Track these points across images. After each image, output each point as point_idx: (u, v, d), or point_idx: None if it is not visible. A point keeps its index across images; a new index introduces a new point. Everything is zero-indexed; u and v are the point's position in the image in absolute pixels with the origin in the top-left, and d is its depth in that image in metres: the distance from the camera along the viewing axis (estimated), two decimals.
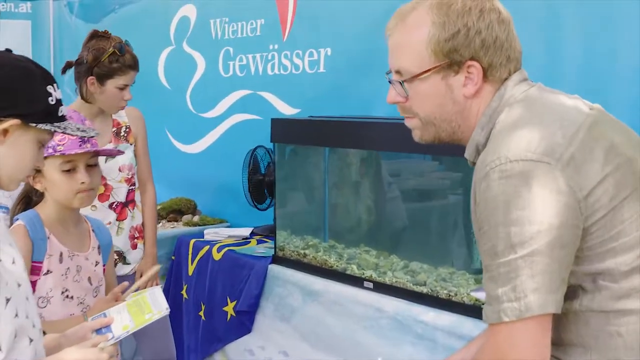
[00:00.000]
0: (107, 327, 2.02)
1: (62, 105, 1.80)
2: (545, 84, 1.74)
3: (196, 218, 4.65)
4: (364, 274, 3.18)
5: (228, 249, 3.88)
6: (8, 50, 1.83)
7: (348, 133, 3.24)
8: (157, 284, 3.57)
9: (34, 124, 1.72)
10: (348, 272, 3.26)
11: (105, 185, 3.37)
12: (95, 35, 3.36)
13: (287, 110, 4.21)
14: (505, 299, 1.48)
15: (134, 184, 3.50)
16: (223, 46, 4.60)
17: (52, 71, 4.49)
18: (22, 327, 1.71)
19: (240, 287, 3.67)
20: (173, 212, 4.73)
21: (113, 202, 3.41)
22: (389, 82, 1.75)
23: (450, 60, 1.64)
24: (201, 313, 3.96)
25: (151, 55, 5.12)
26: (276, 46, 4.22)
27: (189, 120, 4.95)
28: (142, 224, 3.57)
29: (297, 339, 3.40)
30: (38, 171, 2.40)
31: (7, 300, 1.66)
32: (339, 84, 3.88)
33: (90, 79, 3.29)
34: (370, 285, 3.12)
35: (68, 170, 2.40)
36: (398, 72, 1.71)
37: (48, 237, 2.41)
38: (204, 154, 4.91)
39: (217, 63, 4.66)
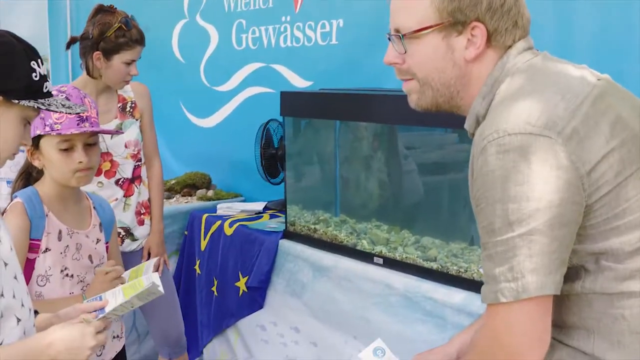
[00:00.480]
0: (102, 309, 1.97)
1: (47, 81, 1.75)
2: (557, 55, 1.65)
3: (210, 192, 4.61)
4: (374, 249, 3.13)
5: (240, 224, 3.85)
6: None
7: (358, 106, 3.18)
8: (165, 261, 3.56)
9: (17, 101, 1.67)
10: (358, 247, 3.21)
11: (112, 161, 3.34)
12: (100, 10, 3.30)
13: (299, 83, 4.14)
14: (502, 279, 1.41)
15: (140, 160, 3.46)
16: (236, 19, 4.52)
17: None
18: (8, 307, 1.68)
19: (252, 263, 3.63)
20: (187, 186, 4.69)
21: (119, 179, 3.37)
22: (389, 39, 1.68)
23: (454, 20, 1.56)
24: (214, 288, 3.93)
25: (165, 29, 5.07)
26: (288, 18, 4.14)
27: (203, 94, 4.89)
28: (149, 200, 3.53)
29: (307, 315, 3.37)
30: (36, 148, 2.37)
31: None
32: (351, 55, 3.80)
33: (96, 54, 3.24)
34: (380, 261, 3.07)
35: (66, 149, 2.35)
36: (397, 30, 1.63)
37: (46, 215, 2.37)
38: (219, 127, 4.85)
39: (230, 36, 4.59)
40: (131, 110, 3.44)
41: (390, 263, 3.02)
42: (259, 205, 4.19)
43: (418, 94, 1.68)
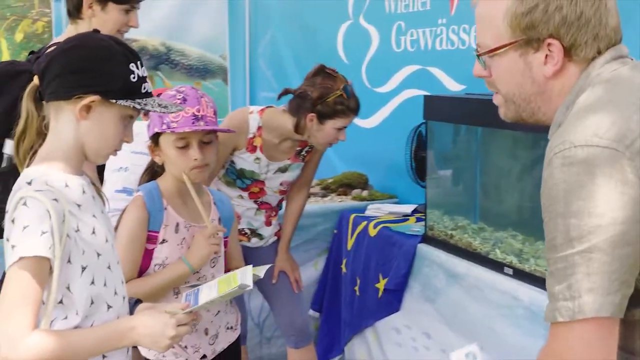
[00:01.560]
0: (195, 301, 2.05)
1: (146, 82, 1.84)
2: None
3: (365, 193, 4.64)
4: (505, 259, 3.05)
5: (383, 226, 3.86)
6: (95, 31, 1.90)
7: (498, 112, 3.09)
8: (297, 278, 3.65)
9: (114, 100, 1.77)
10: (491, 256, 3.13)
11: (261, 190, 3.46)
12: (321, 71, 3.31)
13: (453, 86, 4.09)
14: (560, 297, 1.35)
15: (285, 193, 3.58)
16: (395, 21, 4.54)
17: (247, 44, 4.49)
18: (99, 295, 1.79)
19: (391, 265, 3.64)
20: (343, 185, 4.75)
21: (261, 202, 3.51)
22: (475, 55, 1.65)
23: (528, 37, 1.50)
24: (356, 288, 3.97)
25: (331, 30, 5.16)
26: (444, 20, 4.11)
27: (365, 95, 4.87)
28: (277, 205, 3.63)
29: (439, 321, 3.33)
30: (156, 145, 2.49)
31: (83, 268, 1.75)
32: None
33: (311, 116, 3.24)
34: (510, 271, 2.98)
35: (182, 147, 2.46)
36: (479, 45, 1.61)
37: (165, 208, 2.48)
38: (378, 128, 4.87)
39: (389, 37, 4.61)
40: (304, 155, 3.52)
41: (519, 274, 2.93)
42: (408, 208, 4.18)
43: (504, 108, 1.66)
